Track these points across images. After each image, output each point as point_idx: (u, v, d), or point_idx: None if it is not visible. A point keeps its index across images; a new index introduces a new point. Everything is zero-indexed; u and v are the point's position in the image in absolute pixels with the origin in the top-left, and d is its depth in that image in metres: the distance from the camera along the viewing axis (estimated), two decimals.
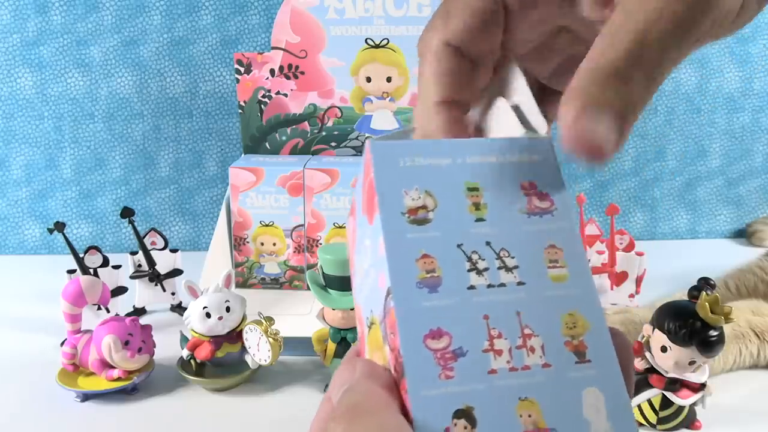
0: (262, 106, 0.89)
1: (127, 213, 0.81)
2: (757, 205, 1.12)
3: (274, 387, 0.67)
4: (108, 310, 0.76)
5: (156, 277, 0.83)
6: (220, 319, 0.66)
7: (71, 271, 0.79)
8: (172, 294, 0.85)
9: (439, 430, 0.18)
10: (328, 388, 0.22)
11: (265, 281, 0.88)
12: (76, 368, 0.67)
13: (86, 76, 1.01)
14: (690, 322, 0.54)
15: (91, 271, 0.79)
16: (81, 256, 0.79)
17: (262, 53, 0.87)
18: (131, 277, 0.83)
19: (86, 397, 0.65)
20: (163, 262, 0.84)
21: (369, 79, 0.87)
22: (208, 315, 0.65)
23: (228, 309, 0.66)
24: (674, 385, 0.57)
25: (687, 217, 1.11)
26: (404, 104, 0.87)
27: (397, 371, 0.20)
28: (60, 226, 0.76)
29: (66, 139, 1.04)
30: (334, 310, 0.64)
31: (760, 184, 1.11)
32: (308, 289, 0.68)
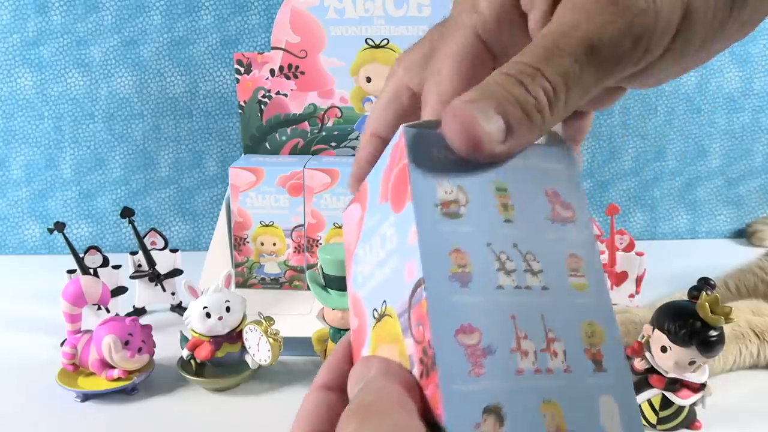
0: (262, 106, 0.88)
1: (127, 213, 0.81)
2: (757, 205, 1.12)
3: (274, 387, 0.67)
4: (108, 310, 0.76)
5: (156, 277, 0.83)
6: (220, 319, 0.66)
7: (71, 271, 0.79)
8: (172, 294, 0.85)
9: (470, 425, 0.18)
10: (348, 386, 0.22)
11: (265, 281, 0.88)
12: (76, 368, 0.67)
13: (86, 76, 1.01)
14: (690, 322, 0.54)
15: (91, 271, 0.79)
16: (81, 256, 0.79)
17: (262, 53, 0.87)
18: (131, 277, 0.83)
19: (86, 397, 0.65)
20: (163, 262, 0.84)
21: (369, 79, 0.87)
22: (208, 315, 0.65)
23: (228, 309, 0.66)
24: (674, 385, 0.57)
25: (687, 217, 1.11)
26: None
27: (424, 364, 0.19)
28: (60, 226, 0.76)
29: (66, 139, 1.04)
30: (334, 310, 0.64)
31: (760, 184, 1.11)
32: (308, 289, 0.68)
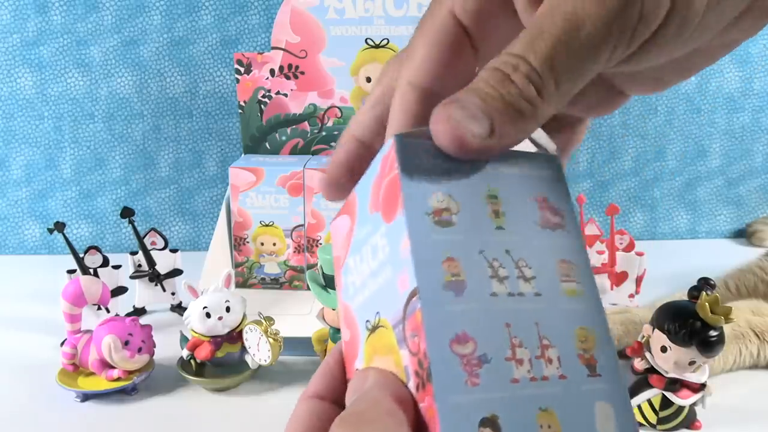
0: (262, 106, 0.88)
1: (127, 213, 0.81)
2: (757, 205, 1.12)
3: (274, 387, 0.67)
4: (108, 310, 0.76)
5: (156, 277, 0.83)
6: (220, 319, 0.66)
7: (71, 271, 0.79)
8: (172, 294, 0.85)
9: None
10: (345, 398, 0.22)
11: (265, 281, 0.88)
12: (76, 368, 0.67)
13: (86, 76, 1.01)
14: (690, 322, 0.54)
15: (91, 271, 0.79)
16: (81, 256, 0.79)
17: (262, 53, 0.87)
18: (131, 277, 0.83)
19: (86, 397, 0.65)
20: (163, 262, 0.84)
21: (369, 79, 0.87)
22: (208, 315, 0.65)
23: (228, 309, 0.66)
24: (674, 385, 0.57)
25: (687, 217, 1.11)
26: None
27: (419, 376, 0.19)
28: (60, 226, 0.76)
29: (66, 139, 1.04)
30: (334, 310, 0.64)
31: (760, 184, 1.11)
32: (308, 289, 0.68)
